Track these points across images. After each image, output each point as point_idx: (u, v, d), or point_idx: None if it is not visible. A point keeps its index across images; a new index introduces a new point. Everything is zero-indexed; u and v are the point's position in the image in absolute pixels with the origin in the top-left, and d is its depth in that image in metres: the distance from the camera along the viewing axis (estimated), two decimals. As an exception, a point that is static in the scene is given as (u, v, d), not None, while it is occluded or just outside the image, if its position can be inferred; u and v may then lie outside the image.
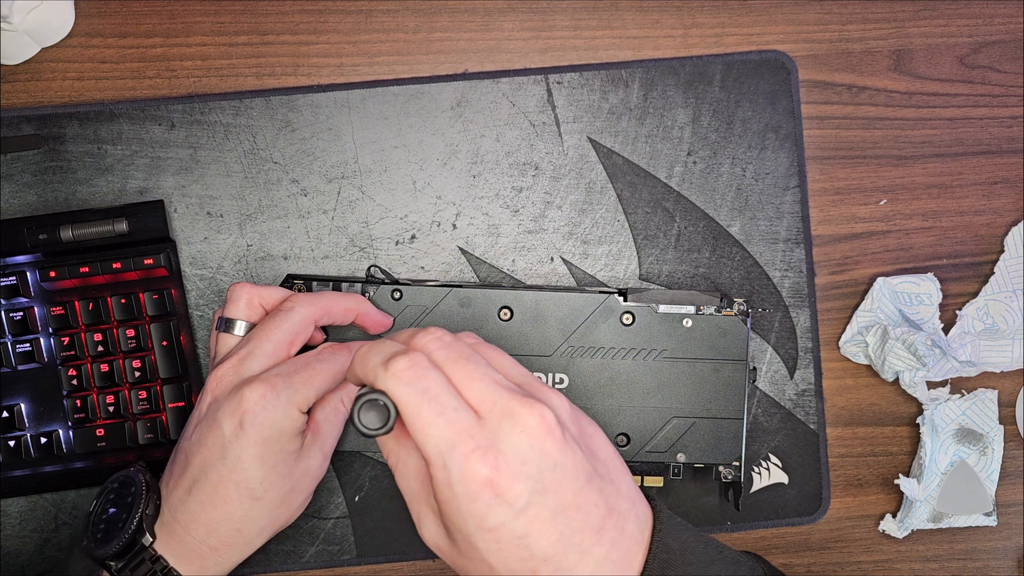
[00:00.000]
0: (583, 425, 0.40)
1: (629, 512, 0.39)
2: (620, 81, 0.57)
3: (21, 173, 0.55)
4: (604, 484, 0.39)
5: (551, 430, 0.37)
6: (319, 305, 0.49)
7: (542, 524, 0.37)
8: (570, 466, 0.37)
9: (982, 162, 0.59)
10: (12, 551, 0.56)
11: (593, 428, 0.41)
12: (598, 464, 0.39)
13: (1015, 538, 0.59)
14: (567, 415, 0.39)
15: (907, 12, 0.58)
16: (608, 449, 0.40)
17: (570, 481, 0.37)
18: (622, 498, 0.39)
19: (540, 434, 0.37)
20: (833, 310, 0.58)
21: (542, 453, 0.37)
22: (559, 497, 0.37)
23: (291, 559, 0.56)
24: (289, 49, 0.57)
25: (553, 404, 0.39)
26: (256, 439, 0.45)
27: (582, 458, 0.38)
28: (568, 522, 0.37)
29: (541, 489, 0.37)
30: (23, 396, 0.54)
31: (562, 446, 0.37)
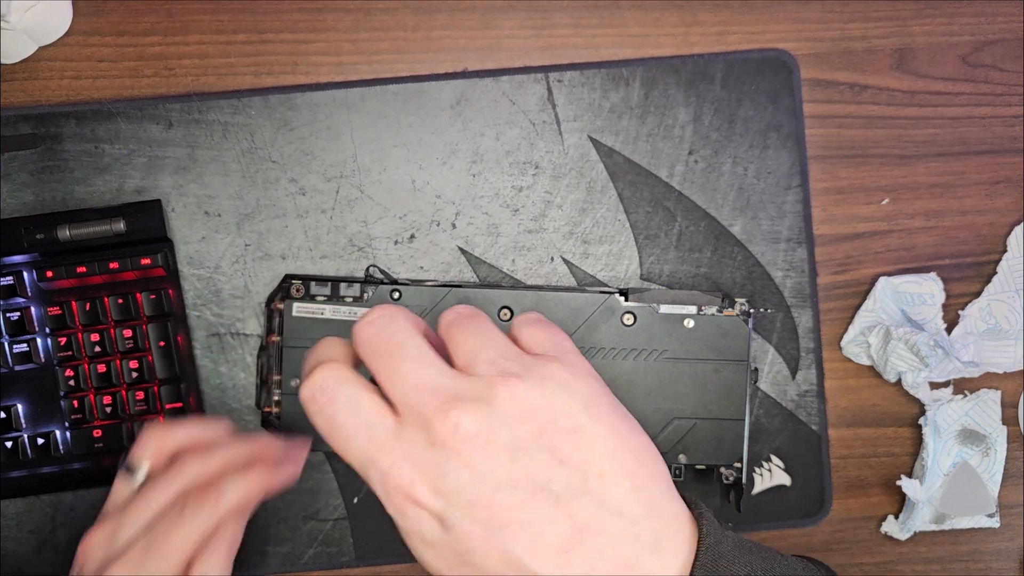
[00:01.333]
0: (556, 426, 0.34)
1: (623, 532, 0.33)
2: (621, 80, 0.57)
3: (18, 172, 0.55)
4: (569, 497, 0.33)
5: (468, 440, 0.32)
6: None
7: (479, 541, 0.33)
8: (504, 477, 0.32)
9: (985, 161, 0.58)
10: (9, 552, 0.55)
11: (587, 427, 0.34)
12: (564, 471, 0.33)
13: (1018, 539, 0.59)
14: (513, 416, 0.33)
15: (909, 11, 0.58)
16: (605, 456, 0.34)
17: (505, 493, 0.32)
18: (607, 515, 0.33)
19: (455, 445, 0.32)
20: (835, 310, 0.58)
21: (462, 465, 0.32)
22: (492, 511, 0.32)
23: (289, 561, 0.56)
24: (288, 48, 0.56)
25: (494, 402, 0.33)
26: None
27: (527, 466, 0.33)
28: (512, 540, 0.32)
29: (467, 503, 0.32)
30: (20, 397, 0.54)
31: (487, 455, 0.32)
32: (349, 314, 0.54)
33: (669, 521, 0.34)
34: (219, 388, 0.56)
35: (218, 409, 0.56)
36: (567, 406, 0.34)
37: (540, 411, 0.34)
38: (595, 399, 0.35)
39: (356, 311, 0.54)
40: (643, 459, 0.35)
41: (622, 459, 0.34)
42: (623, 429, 0.35)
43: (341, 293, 0.54)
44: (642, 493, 0.34)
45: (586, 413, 0.34)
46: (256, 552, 0.56)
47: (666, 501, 0.34)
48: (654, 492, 0.34)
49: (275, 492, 0.45)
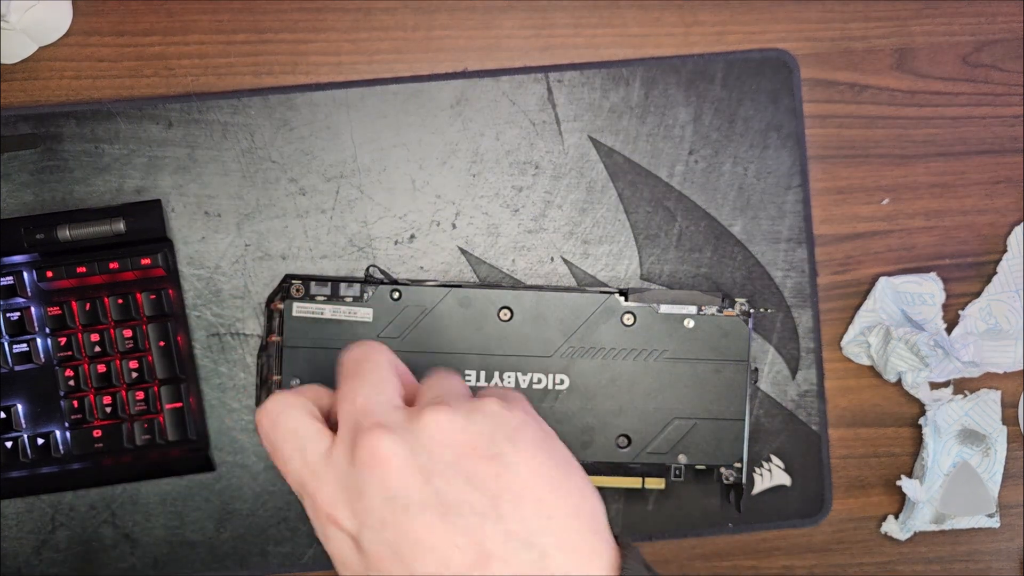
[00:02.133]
0: (476, 452, 0.34)
1: (531, 564, 0.32)
2: (621, 79, 0.57)
3: (18, 172, 0.55)
4: (479, 523, 0.32)
5: (385, 460, 0.33)
6: None
7: (389, 564, 0.33)
8: (415, 498, 0.32)
9: (985, 161, 0.58)
10: (9, 553, 0.55)
11: (507, 455, 0.34)
12: (477, 496, 0.33)
13: (1018, 539, 0.59)
14: (433, 440, 0.33)
15: (909, 11, 0.58)
16: (520, 484, 0.33)
17: (414, 515, 0.32)
18: (517, 546, 0.32)
19: (373, 464, 0.33)
20: (835, 310, 0.58)
21: (376, 484, 0.33)
22: (400, 533, 0.32)
23: (289, 561, 0.56)
24: (287, 47, 0.56)
25: (419, 429, 0.34)
26: None
27: (439, 489, 0.33)
28: (419, 564, 0.32)
29: (378, 524, 0.33)
30: (20, 397, 0.54)
31: (398, 474, 0.33)
32: (349, 314, 0.54)
33: (585, 559, 0.33)
34: (219, 388, 0.56)
35: (218, 409, 0.56)
36: (490, 434, 0.34)
37: (462, 437, 0.34)
38: (523, 431, 0.35)
39: (356, 311, 0.54)
40: (567, 494, 0.34)
41: (540, 490, 0.33)
42: (548, 463, 0.34)
43: (341, 293, 0.54)
44: (557, 525, 0.33)
45: (509, 442, 0.34)
46: (256, 552, 0.56)
47: (585, 538, 0.34)
48: (572, 527, 0.33)
49: None
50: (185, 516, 0.56)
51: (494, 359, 0.54)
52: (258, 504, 0.56)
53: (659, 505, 0.57)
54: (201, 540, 0.56)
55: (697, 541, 0.58)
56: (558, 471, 0.35)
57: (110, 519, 0.56)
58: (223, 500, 0.56)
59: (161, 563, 0.56)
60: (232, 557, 0.56)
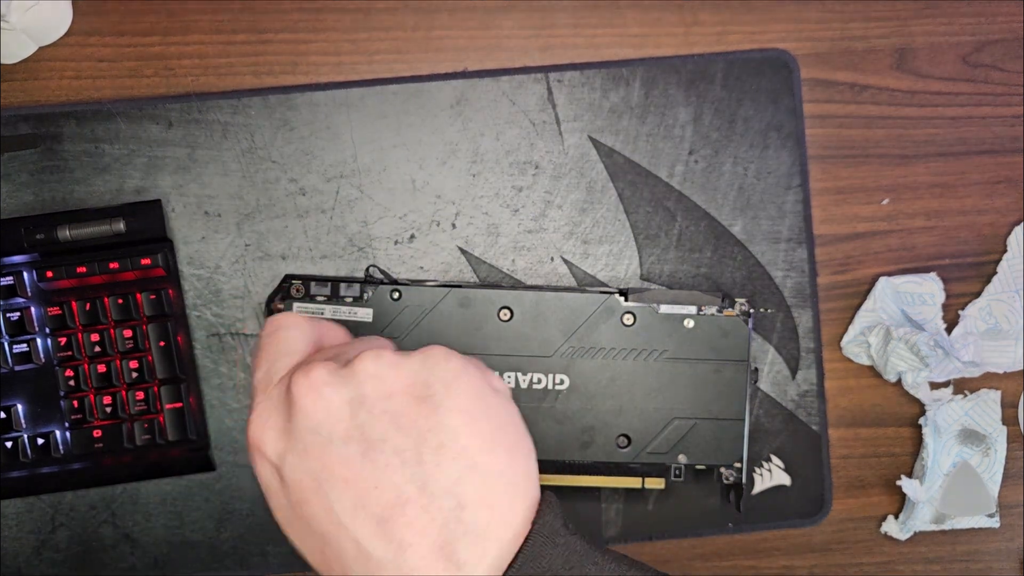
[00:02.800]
0: (408, 393, 0.33)
1: (447, 513, 0.32)
2: (621, 79, 0.57)
3: (18, 172, 0.55)
4: (399, 464, 0.32)
5: (314, 388, 0.33)
6: None
7: (307, 493, 0.33)
8: (339, 431, 0.32)
9: (985, 161, 0.58)
10: (9, 553, 0.55)
11: (438, 399, 0.33)
12: (401, 437, 0.32)
13: (1018, 539, 0.59)
14: (367, 375, 0.33)
15: (909, 10, 0.58)
16: (447, 431, 0.33)
17: (337, 447, 0.32)
18: (434, 493, 0.32)
19: (302, 392, 0.33)
20: (835, 310, 0.58)
21: (303, 413, 0.33)
22: (322, 463, 0.32)
23: (289, 561, 0.56)
24: (287, 47, 0.56)
25: (355, 364, 0.34)
26: None
27: (365, 424, 0.32)
28: (336, 496, 0.32)
29: (300, 450, 0.33)
30: (20, 397, 0.54)
31: (326, 404, 0.33)
32: (349, 314, 0.54)
33: (500, 515, 0.33)
34: (219, 388, 0.56)
35: (218, 409, 0.56)
36: (425, 377, 0.34)
37: (395, 376, 0.34)
38: (461, 377, 0.34)
39: (356, 311, 0.54)
40: (495, 447, 0.33)
41: (467, 439, 0.33)
42: (482, 413, 0.34)
43: (341, 293, 0.54)
44: (479, 478, 0.33)
45: (443, 386, 0.34)
46: (256, 552, 0.56)
47: (508, 496, 0.33)
48: (496, 483, 0.33)
49: None
50: (185, 516, 0.56)
51: (494, 359, 0.54)
52: (258, 504, 0.56)
53: (659, 505, 0.57)
54: (201, 540, 0.56)
55: (697, 541, 0.58)
56: (489, 424, 0.34)
57: (110, 519, 0.56)
58: (223, 500, 0.56)
59: (161, 563, 0.56)
60: (232, 557, 0.56)
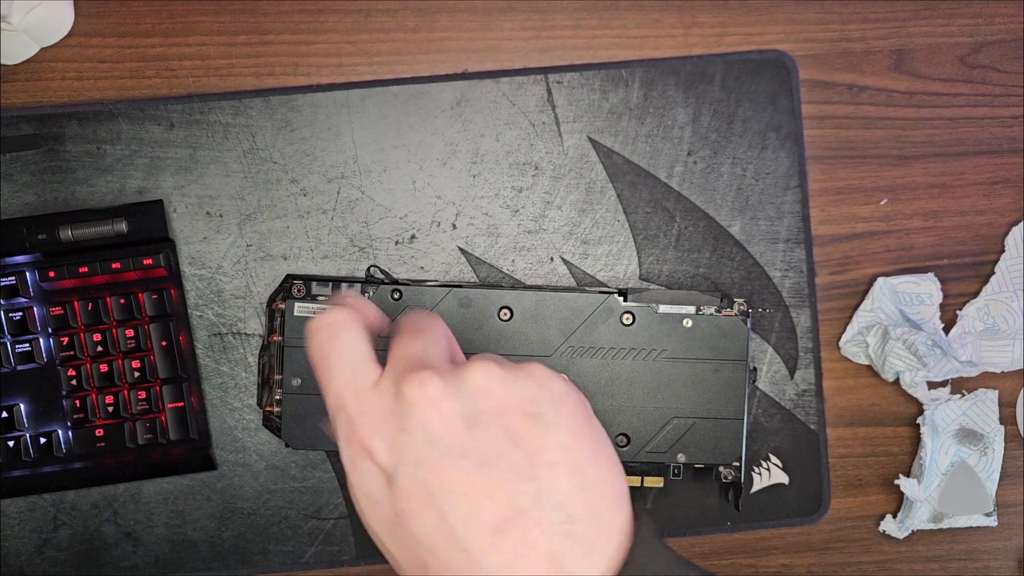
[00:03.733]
0: (519, 409, 0.34)
1: (558, 527, 0.32)
2: (620, 81, 0.57)
3: (20, 173, 0.55)
4: (515, 478, 0.33)
5: (432, 401, 0.33)
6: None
7: (417, 503, 0.33)
8: (456, 444, 0.33)
9: (983, 162, 0.59)
10: (11, 552, 0.55)
11: (548, 416, 0.34)
12: (515, 452, 0.33)
13: (1015, 538, 0.59)
14: (479, 391, 0.34)
15: (908, 12, 0.58)
16: (558, 448, 0.34)
17: (453, 460, 0.33)
18: (547, 507, 0.33)
19: (420, 404, 0.33)
20: (834, 310, 0.58)
21: (421, 424, 0.33)
22: (437, 475, 0.33)
23: (291, 559, 0.56)
24: (288, 49, 0.57)
25: (466, 377, 0.34)
26: None
27: (480, 438, 0.33)
28: (450, 508, 0.32)
29: (414, 460, 0.33)
30: (22, 396, 0.54)
31: (443, 418, 0.33)
32: (350, 314, 0.54)
33: (608, 530, 0.34)
34: (221, 387, 0.56)
35: (219, 409, 0.56)
36: (534, 395, 0.35)
37: (506, 392, 0.34)
38: (565, 398, 0.35)
39: (357, 311, 0.54)
40: (599, 464, 0.35)
41: (575, 456, 0.34)
42: (586, 432, 0.35)
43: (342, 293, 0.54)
44: (587, 494, 0.34)
45: (551, 405, 0.35)
46: (257, 551, 0.56)
47: (611, 510, 0.34)
48: (600, 497, 0.34)
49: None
50: (187, 515, 0.56)
51: (494, 359, 0.54)
52: (259, 503, 0.56)
53: (658, 504, 0.57)
54: (202, 539, 0.56)
55: (696, 540, 0.58)
56: (594, 442, 0.35)
57: (112, 518, 0.56)
58: (224, 499, 0.56)
59: (163, 562, 0.56)
60: (233, 556, 0.56)
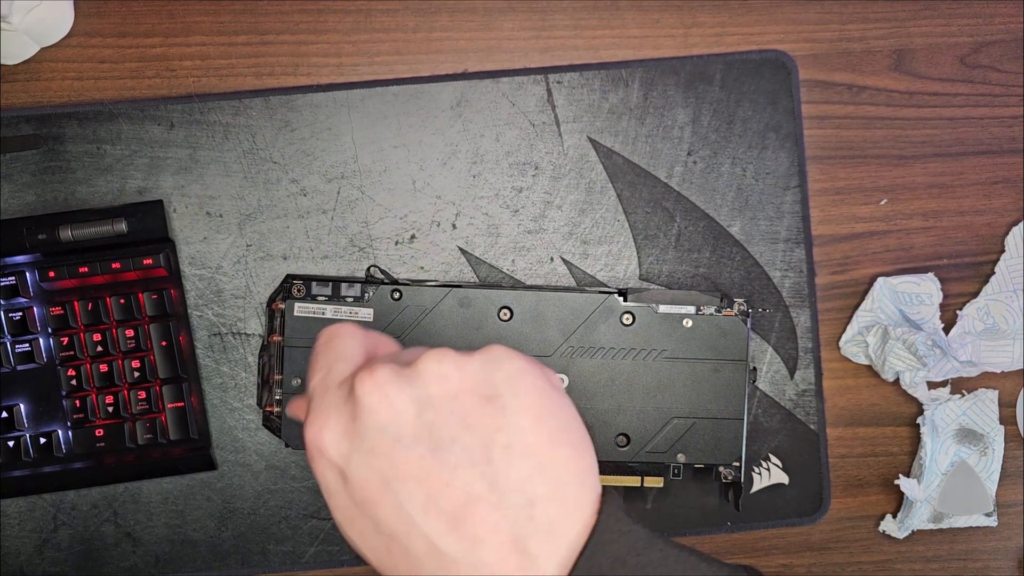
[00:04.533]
0: (473, 392, 0.34)
1: (517, 510, 0.32)
2: (620, 81, 0.57)
3: (20, 173, 0.55)
4: (469, 463, 0.32)
5: (379, 388, 0.33)
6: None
7: (373, 492, 0.33)
8: (407, 431, 0.33)
9: (983, 162, 0.59)
10: (11, 552, 0.55)
11: (504, 398, 0.34)
12: (469, 436, 0.33)
13: (1015, 538, 0.59)
14: (432, 376, 0.33)
15: (907, 12, 0.58)
16: (514, 430, 0.33)
17: (405, 446, 0.32)
18: (505, 490, 0.32)
19: (367, 392, 0.33)
20: (833, 310, 0.58)
21: (369, 412, 0.33)
22: (390, 463, 0.32)
23: (291, 559, 0.56)
24: (288, 49, 0.57)
25: (418, 364, 0.34)
26: None
27: (431, 423, 0.33)
28: (406, 495, 0.32)
29: (366, 450, 0.33)
30: (22, 396, 0.54)
31: (392, 405, 0.33)
32: (350, 314, 0.54)
33: (571, 510, 0.33)
34: (221, 388, 0.56)
35: (219, 408, 0.56)
36: (489, 375, 0.34)
37: (460, 376, 0.34)
38: (523, 376, 0.35)
39: (357, 311, 0.54)
40: (559, 443, 0.34)
41: (533, 438, 0.33)
42: (546, 411, 0.34)
43: (342, 293, 0.54)
44: (546, 475, 0.33)
45: (508, 385, 0.34)
46: (258, 551, 0.56)
47: (572, 487, 0.34)
48: (562, 477, 0.34)
49: None
50: (187, 515, 0.56)
51: (494, 359, 0.54)
52: (259, 503, 0.56)
53: (658, 504, 0.57)
54: (202, 539, 0.56)
55: (696, 540, 0.58)
56: (555, 421, 0.35)
57: (112, 518, 0.56)
58: (224, 499, 0.56)
59: (163, 562, 0.56)
60: (233, 556, 0.56)
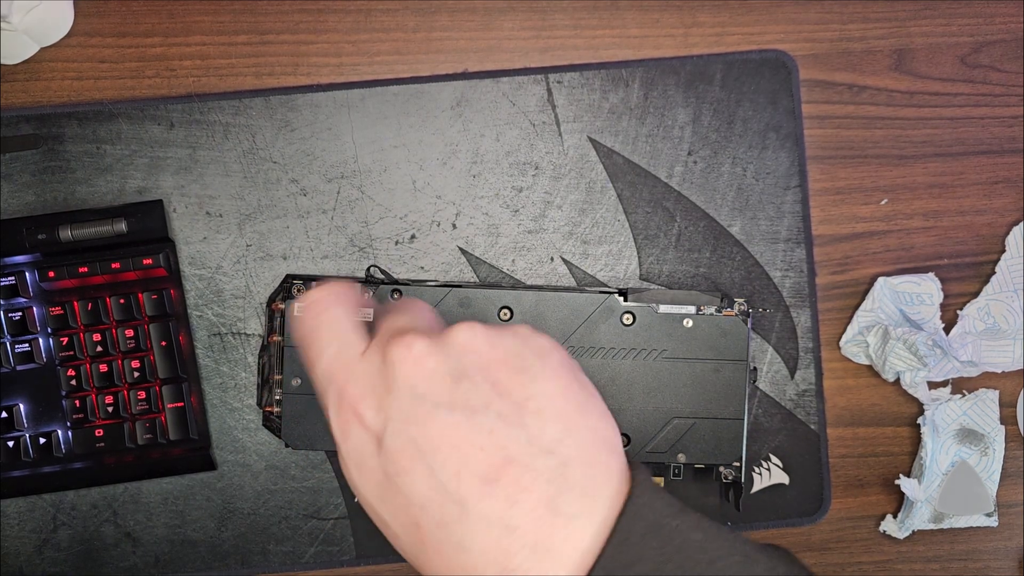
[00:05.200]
0: (504, 364, 0.35)
1: (552, 471, 0.33)
2: (620, 80, 0.57)
3: (20, 173, 0.55)
4: (503, 427, 0.33)
5: (417, 360, 0.34)
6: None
7: (408, 461, 0.33)
8: (443, 399, 0.33)
9: (983, 162, 0.59)
10: (11, 552, 0.55)
11: (534, 369, 0.35)
12: (503, 403, 0.34)
13: (1016, 539, 0.59)
14: (464, 348, 0.35)
15: (908, 11, 0.58)
16: (545, 396, 0.34)
17: (441, 414, 0.33)
18: (538, 452, 0.33)
19: (406, 364, 0.34)
20: (834, 310, 0.58)
21: (407, 383, 0.34)
22: (425, 431, 0.33)
23: (290, 560, 0.56)
24: (288, 48, 0.57)
25: (451, 337, 0.35)
26: None
27: (466, 391, 0.34)
28: (441, 462, 0.32)
29: (402, 418, 0.33)
30: (22, 396, 0.54)
31: (429, 374, 0.34)
32: (350, 314, 0.54)
33: (601, 471, 0.34)
34: (220, 387, 0.56)
35: (219, 409, 0.56)
36: (519, 349, 0.35)
37: (492, 349, 0.35)
38: (551, 352, 0.36)
39: (357, 311, 0.54)
40: (587, 413, 0.35)
41: (563, 404, 0.35)
42: (573, 383, 0.36)
43: (342, 293, 0.54)
44: (578, 439, 0.34)
45: (537, 358, 0.35)
46: (257, 551, 0.56)
47: (602, 453, 0.35)
48: (592, 442, 0.35)
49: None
50: (186, 515, 0.56)
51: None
52: (259, 503, 0.56)
53: (658, 504, 0.57)
54: (202, 539, 0.56)
55: (696, 540, 0.58)
56: (583, 391, 0.36)
57: (111, 518, 0.56)
58: (224, 499, 0.56)
59: (162, 562, 0.56)
60: (233, 556, 0.56)
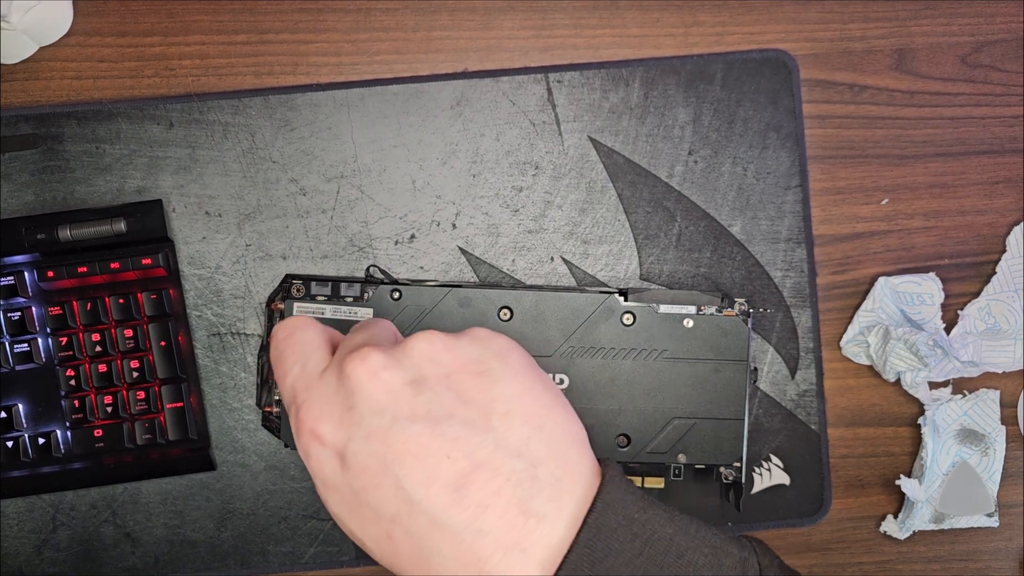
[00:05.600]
0: (465, 369, 0.35)
1: (521, 473, 0.33)
2: (621, 80, 0.57)
3: (19, 173, 0.55)
4: (469, 433, 0.33)
5: (373, 373, 0.34)
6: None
7: (372, 477, 0.33)
8: (404, 410, 0.33)
9: (984, 161, 0.59)
10: (10, 552, 0.55)
11: (496, 371, 0.35)
12: (467, 409, 0.33)
13: (1017, 539, 0.59)
14: (423, 357, 0.34)
15: (908, 11, 0.58)
16: (510, 398, 0.34)
17: (403, 426, 0.33)
18: (507, 455, 0.33)
19: (362, 378, 0.34)
20: (835, 310, 0.58)
21: (365, 398, 0.33)
22: (388, 444, 0.33)
23: (290, 560, 0.56)
24: (288, 48, 0.56)
25: (408, 347, 0.35)
26: None
27: (428, 401, 0.33)
28: (406, 474, 0.32)
29: (363, 434, 0.33)
30: (21, 396, 0.54)
31: (387, 387, 0.33)
32: (349, 314, 0.54)
33: (571, 469, 0.34)
34: (220, 388, 0.56)
35: (219, 408, 0.56)
36: (479, 354, 0.35)
37: (451, 356, 0.35)
38: (509, 353, 0.36)
39: (356, 311, 0.54)
40: (554, 411, 0.35)
41: (530, 403, 0.34)
42: (538, 383, 0.35)
43: (341, 293, 0.54)
44: (546, 438, 0.34)
45: (497, 360, 0.35)
46: (257, 552, 0.56)
47: (572, 451, 0.34)
48: (559, 441, 0.34)
49: None
50: (186, 515, 0.56)
51: (494, 359, 0.54)
52: (259, 503, 0.56)
53: (659, 504, 0.57)
54: (202, 539, 0.56)
55: (697, 540, 0.58)
56: (547, 392, 0.36)
57: (111, 518, 0.56)
58: (224, 499, 0.56)
59: (162, 562, 0.56)
60: (233, 556, 0.56)
